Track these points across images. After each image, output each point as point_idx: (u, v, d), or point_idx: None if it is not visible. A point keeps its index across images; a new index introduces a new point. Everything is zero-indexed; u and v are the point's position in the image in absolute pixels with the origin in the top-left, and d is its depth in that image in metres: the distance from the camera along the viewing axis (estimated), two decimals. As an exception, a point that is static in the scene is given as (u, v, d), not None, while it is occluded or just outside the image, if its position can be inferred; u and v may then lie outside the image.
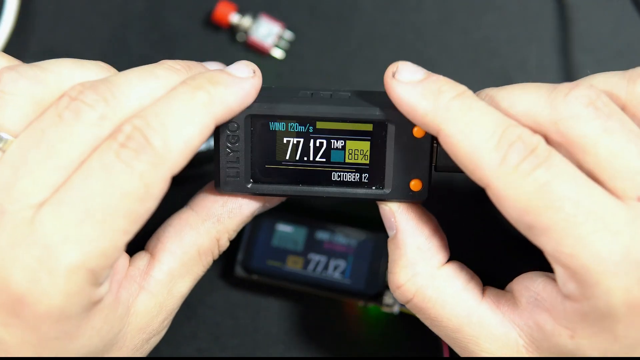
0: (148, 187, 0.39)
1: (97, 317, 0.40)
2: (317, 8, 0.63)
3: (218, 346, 0.56)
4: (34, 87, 0.40)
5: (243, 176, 0.45)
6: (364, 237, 0.56)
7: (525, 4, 0.63)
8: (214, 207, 0.46)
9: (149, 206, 0.39)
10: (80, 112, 0.39)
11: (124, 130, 0.39)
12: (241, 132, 0.44)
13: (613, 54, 0.61)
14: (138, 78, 0.41)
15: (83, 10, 0.63)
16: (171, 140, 0.39)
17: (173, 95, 0.41)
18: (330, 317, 0.56)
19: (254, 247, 0.56)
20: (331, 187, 0.46)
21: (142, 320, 0.44)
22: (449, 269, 0.45)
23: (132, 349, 0.44)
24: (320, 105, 0.44)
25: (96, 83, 0.40)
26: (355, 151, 0.45)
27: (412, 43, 0.62)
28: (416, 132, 0.44)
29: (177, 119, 0.40)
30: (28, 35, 0.62)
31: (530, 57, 0.62)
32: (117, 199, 0.38)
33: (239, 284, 0.57)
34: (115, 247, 0.39)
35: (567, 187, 0.39)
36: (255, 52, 0.62)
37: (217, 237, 0.46)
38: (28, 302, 0.38)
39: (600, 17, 0.62)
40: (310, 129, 0.45)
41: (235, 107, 0.42)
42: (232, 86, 0.42)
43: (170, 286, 0.45)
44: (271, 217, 0.57)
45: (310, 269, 0.55)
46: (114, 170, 0.38)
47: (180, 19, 0.63)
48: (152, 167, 0.39)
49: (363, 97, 0.45)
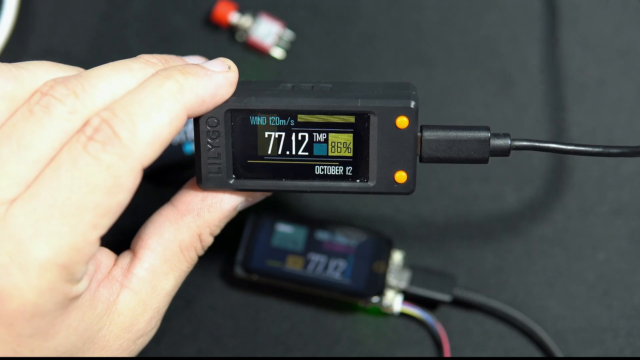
0: (116, 179, 0.38)
1: (73, 314, 0.40)
2: (317, 7, 0.63)
3: (218, 346, 0.56)
4: (7, 84, 0.40)
5: (225, 172, 0.44)
6: (364, 237, 0.56)
7: (525, 4, 0.62)
8: (193, 202, 0.45)
9: (120, 199, 0.39)
10: (50, 106, 0.39)
11: (92, 123, 0.39)
12: (221, 127, 0.44)
13: (613, 54, 0.61)
14: (111, 71, 0.41)
15: (83, 10, 0.63)
16: (139, 131, 0.39)
17: (143, 86, 0.41)
18: (330, 318, 0.56)
19: (254, 247, 0.56)
20: (315, 181, 0.45)
21: (126, 319, 0.43)
22: None
23: (118, 349, 0.43)
24: (301, 98, 0.43)
25: (68, 78, 0.40)
26: (338, 144, 0.44)
27: (412, 43, 0.62)
28: (399, 123, 0.43)
29: (144, 109, 0.40)
30: (28, 35, 0.62)
31: (530, 57, 0.61)
32: (85, 193, 0.38)
33: (239, 284, 0.57)
34: (85, 242, 0.38)
35: None
36: (255, 51, 0.62)
37: (197, 232, 0.45)
38: (1, 298, 0.38)
39: (601, 17, 0.62)
40: (292, 122, 0.44)
41: (207, 98, 0.42)
42: (203, 77, 0.42)
43: (154, 283, 0.44)
44: (271, 217, 0.57)
45: (310, 269, 0.55)
46: (81, 164, 0.38)
47: (180, 19, 0.63)
48: (120, 158, 0.38)
49: (345, 89, 0.44)
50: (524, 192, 0.59)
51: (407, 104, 0.43)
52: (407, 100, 0.43)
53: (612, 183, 0.59)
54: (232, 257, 0.57)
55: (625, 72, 0.61)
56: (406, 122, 0.43)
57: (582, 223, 0.58)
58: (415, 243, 0.58)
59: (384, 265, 0.55)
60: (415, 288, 0.55)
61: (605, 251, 0.58)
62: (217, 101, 0.43)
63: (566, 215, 0.58)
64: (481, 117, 0.60)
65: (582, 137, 0.60)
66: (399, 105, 0.43)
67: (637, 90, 0.61)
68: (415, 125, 0.43)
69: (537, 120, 0.60)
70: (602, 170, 0.59)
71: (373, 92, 0.44)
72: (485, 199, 0.59)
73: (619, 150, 0.47)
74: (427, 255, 0.57)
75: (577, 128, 0.60)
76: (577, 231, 0.58)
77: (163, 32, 0.62)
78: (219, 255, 0.58)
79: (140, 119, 0.39)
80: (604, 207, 0.58)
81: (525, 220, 0.58)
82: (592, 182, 0.59)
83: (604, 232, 0.58)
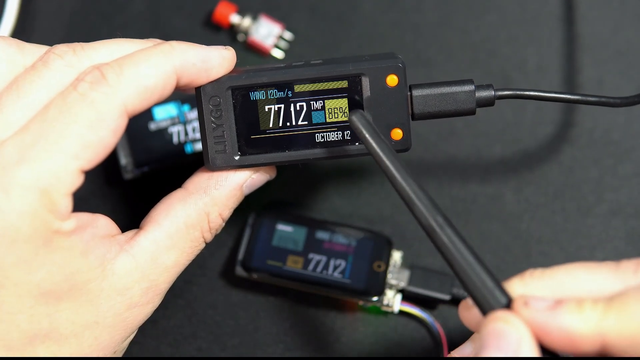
0: (99, 114, 0.41)
1: (59, 253, 0.41)
2: (317, 8, 0.63)
3: (218, 346, 0.56)
4: (9, 48, 0.44)
5: (230, 149, 0.46)
6: (363, 237, 0.56)
7: (524, 5, 0.63)
8: (200, 181, 0.47)
9: (102, 135, 0.41)
10: (49, 60, 0.43)
11: (85, 71, 0.42)
12: (224, 105, 0.46)
13: (613, 54, 0.62)
14: (113, 40, 0.44)
15: (83, 10, 0.63)
16: (125, 74, 0.42)
17: (139, 49, 0.44)
18: (330, 316, 0.56)
19: (254, 246, 0.56)
20: (316, 148, 0.47)
21: (120, 281, 0.43)
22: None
23: (109, 311, 0.43)
24: (295, 69, 0.46)
25: (73, 43, 0.44)
26: (334, 110, 0.46)
27: (412, 43, 0.62)
28: (390, 81, 0.45)
29: (134, 60, 0.43)
30: (28, 35, 0.62)
31: (530, 57, 0.62)
32: (68, 123, 0.41)
33: (239, 283, 0.57)
34: (66, 170, 0.40)
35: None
36: (256, 52, 0.62)
37: (205, 210, 0.46)
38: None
39: (600, 17, 0.62)
40: (289, 93, 0.46)
41: (198, 62, 0.44)
42: (196, 47, 0.45)
43: (155, 255, 0.45)
44: (271, 217, 0.57)
45: (310, 269, 0.55)
46: (68, 99, 0.41)
47: (180, 19, 0.63)
48: (105, 96, 0.41)
49: (335, 60, 0.47)
50: (523, 192, 0.59)
51: (396, 62, 0.45)
52: (395, 59, 0.46)
53: (610, 184, 0.59)
54: (233, 257, 0.57)
55: (624, 72, 0.61)
56: (396, 80, 0.45)
57: (580, 224, 0.58)
58: (415, 243, 0.58)
59: (384, 265, 0.55)
60: (414, 287, 0.55)
61: (603, 252, 0.58)
62: (209, 69, 0.45)
63: (564, 216, 0.58)
64: (480, 117, 0.60)
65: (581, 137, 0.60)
66: (388, 64, 0.45)
67: (635, 91, 0.61)
68: (405, 82, 0.46)
69: (537, 120, 0.60)
70: (601, 171, 0.59)
71: (361, 58, 0.46)
72: (485, 199, 0.59)
73: (596, 99, 0.50)
74: (426, 254, 0.57)
75: (577, 128, 0.60)
76: (575, 232, 0.58)
77: (164, 32, 0.62)
78: (220, 254, 0.58)
79: (128, 66, 0.42)
80: (602, 208, 0.59)
81: (524, 220, 0.58)
82: (591, 182, 0.59)
83: (602, 232, 0.58)
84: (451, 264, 0.39)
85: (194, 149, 0.57)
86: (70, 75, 0.42)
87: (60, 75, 0.42)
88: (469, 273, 0.39)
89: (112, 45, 0.44)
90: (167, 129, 0.58)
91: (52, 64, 0.42)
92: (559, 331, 0.37)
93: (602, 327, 0.37)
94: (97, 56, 0.43)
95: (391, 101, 0.46)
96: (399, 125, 0.46)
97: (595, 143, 0.60)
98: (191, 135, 0.57)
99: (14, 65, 0.43)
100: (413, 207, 0.40)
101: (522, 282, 0.40)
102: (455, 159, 0.60)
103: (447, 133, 0.60)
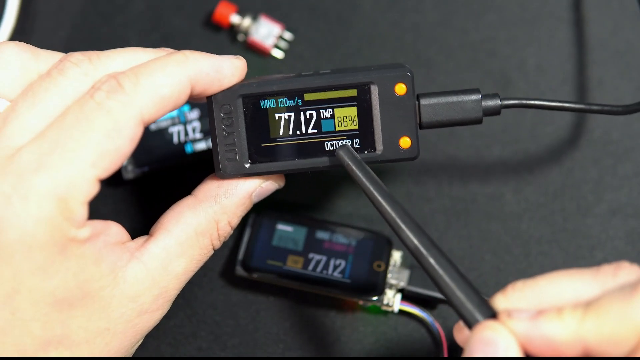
0: (116, 123, 0.41)
1: (74, 260, 0.41)
2: (317, 8, 0.63)
3: (218, 345, 0.56)
4: (24, 54, 0.44)
5: (241, 157, 0.47)
6: (363, 237, 0.56)
7: (524, 5, 0.63)
8: (210, 189, 0.47)
9: (118, 144, 0.41)
10: (65, 68, 0.43)
11: (101, 80, 0.42)
12: (235, 113, 0.46)
13: (613, 54, 0.62)
14: (127, 49, 0.45)
15: (83, 10, 0.63)
16: (141, 84, 0.42)
17: (153, 58, 0.44)
18: (330, 316, 0.56)
19: (255, 246, 0.56)
20: (326, 156, 0.47)
21: (131, 288, 0.44)
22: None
23: (120, 317, 0.44)
24: (305, 78, 0.46)
25: (88, 52, 0.44)
26: (344, 118, 0.47)
27: (412, 43, 0.62)
28: (398, 90, 0.46)
29: (149, 69, 0.43)
30: (28, 36, 0.62)
31: (530, 57, 0.62)
32: (85, 131, 0.41)
33: (239, 283, 0.57)
34: (83, 178, 0.41)
35: None
36: (256, 52, 0.62)
37: (214, 218, 0.46)
38: (1, 228, 0.40)
39: (600, 17, 0.62)
40: (299, 101, 0.46)
41: (211, 72, 0.45)
42: (209, 56, 0.45)
43: (165, 262, 0.45)
44: (271, 217, 0.57)
45: (310, 269, 0.55)
46: (85, 108, 0.41)
47: (180, 19, 0.63)
48: (121, 105, 0.42)
49: (344, 70, 0.48)
50: (523, 192, 0.59)
51: (404, 71, 0.46)
52: (403, 69, 0.46)
53: (609, 184, 0.59)
54: (233, 256, 0.57)
55: (624, 72, 0.61)
56: (404, 89, 0.46)
57: (580, 223, 0.58)
58: (415, 243, 0.58)
59: (384, 265, 0.55)
60: (414, 287, 0.55)
61: (603, 252, 0.58)
62: (222, 78, 0.45)
63: (564, 216, 0.58)
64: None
65: (580, 138, 0.60)
66: (396, 73, 0.46)
67: (635, 91, 0.61)
68: (413, 91, 0.46)
69: (537, 120, 0.60)
70: (600, 171, 0.59)
71: (370, 68, 0.47)
72: (485, 199, 0.59)
73: (599, 108, 0.51)
74: (427, 254, 0.57)
75: (577, 128, 0.60)
76: (575, 232, 0.58)
77: (164, 32, 0.62)
78: (220, 254, 0.58)
79: (144, 75, 0.43)
80: (601, 208, 0.59)
81: (524, 220, 0.58)
82: (590, 182, 0.59)
83: (602, 232, 0.58)
84: (437, 284, 0.41)
85: (194, 149, 0.57)
86: (86, 83, 0.43)
87: (76, 83, 0.43)
88: (455, 291, 0.40)
89: (126, 54, 0.44)
90: (167, 129, 0.58)
91: (68, 72, 0.43)
92: (542, 339, 0.38)
93: (581, 332, 0.38)
94: (112, 65, 0.44)
95: (400, 109, 0.46)
96: (408, 133, 0.47)
97: (594, 143, 0.60)
98: (191, 135, 0.57)
99: (28, 72, 0.44)
100: (400, 232, 0.42)
101: (504, 296, 0.41)
102: (455, 159, 0.60)
103: (447, 133, 0.60)
